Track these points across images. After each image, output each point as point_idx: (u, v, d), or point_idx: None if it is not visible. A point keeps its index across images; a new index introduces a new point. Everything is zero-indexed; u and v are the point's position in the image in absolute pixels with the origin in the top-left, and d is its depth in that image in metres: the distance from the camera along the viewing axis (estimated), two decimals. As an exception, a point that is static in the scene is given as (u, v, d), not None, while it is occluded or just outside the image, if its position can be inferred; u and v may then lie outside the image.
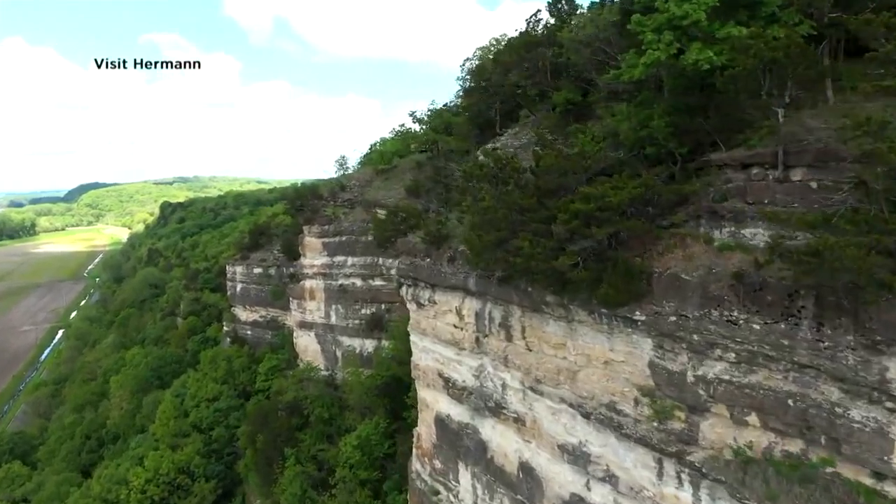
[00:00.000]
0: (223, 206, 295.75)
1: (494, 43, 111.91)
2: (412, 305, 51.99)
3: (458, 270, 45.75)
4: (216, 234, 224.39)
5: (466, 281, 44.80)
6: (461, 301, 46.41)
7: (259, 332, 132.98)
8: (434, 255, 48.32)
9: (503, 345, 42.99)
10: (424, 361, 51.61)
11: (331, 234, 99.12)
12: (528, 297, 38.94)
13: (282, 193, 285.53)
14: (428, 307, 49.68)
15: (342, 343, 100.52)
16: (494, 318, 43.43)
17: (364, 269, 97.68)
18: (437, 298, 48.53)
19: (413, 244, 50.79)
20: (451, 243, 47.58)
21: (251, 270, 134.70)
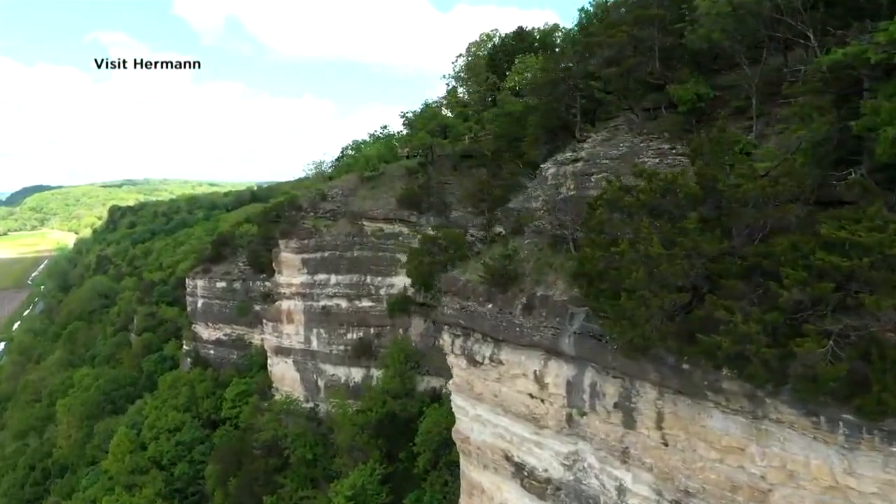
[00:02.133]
0: (176, 210, 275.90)
1: (486, 38, 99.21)
2: (460, 361, 38.31)
3: (540, 324, 32.33)
4: (170, 240, 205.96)
5: (557, 340, 31.41)
6: (543, 364, 33.00)
7: (223, 351, 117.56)
8: (499, 301, 34.77)
9: (618, 431, 29.70)
10: (480, 435, 37.91)
11: (311, 249, 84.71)
12: (680, 375, 25.76)
13: (237, 197, 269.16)
14: (488, 367, 36.07)
15: (325, 371, 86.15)
16: (603, 393, 30.13)
17: (349, 288, 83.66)
18: (503, 357, 34.98)
19: (464, 283, 37.09)
20: (523, 284, 34.12)
21: (214, 284, 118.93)
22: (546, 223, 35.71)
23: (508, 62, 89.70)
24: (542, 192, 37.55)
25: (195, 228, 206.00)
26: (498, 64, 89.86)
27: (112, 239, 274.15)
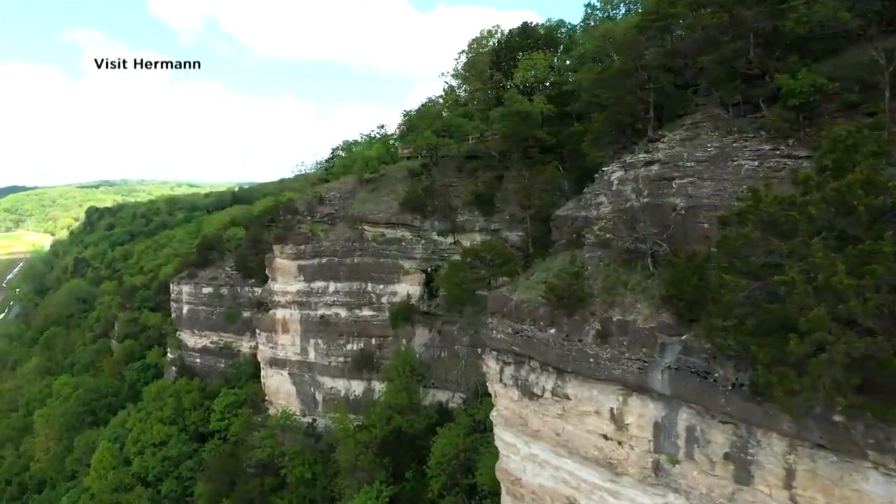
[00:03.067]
0: (155, 211, 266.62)
1: (488, 35, 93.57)
2: (510, 391, 32.72)
3: (621, 354, 26.85)
4: (151, 243, 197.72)
5: (645, 375, 25.97)
6: (621, 401, 27.55)
7: (210, 360, 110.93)
8: (565, 325, 29.25)
9: (726, 486, 24.30)
10: (535, 478, 32.28)
11: (308, 255, 78.60)
12: (829, 428, 20.41)
13: (219, 198, 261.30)
14: (549, 401, 30.52)
15: (323, 384, 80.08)
16: (707, 439, 24.74)
17: (349, 296, 77.72)
18: (570, 391, 29.45)
19: (517, 304, 31.46)
20: (593, 306, 28.59)
21: (200, 290, 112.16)
22: (612, 235, 30.15)
23: (513, 59, 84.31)
24: (605, 198, 32.07)
25: (176, 231, 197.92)
26: (502, 61, 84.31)
27: (90, 241, 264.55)
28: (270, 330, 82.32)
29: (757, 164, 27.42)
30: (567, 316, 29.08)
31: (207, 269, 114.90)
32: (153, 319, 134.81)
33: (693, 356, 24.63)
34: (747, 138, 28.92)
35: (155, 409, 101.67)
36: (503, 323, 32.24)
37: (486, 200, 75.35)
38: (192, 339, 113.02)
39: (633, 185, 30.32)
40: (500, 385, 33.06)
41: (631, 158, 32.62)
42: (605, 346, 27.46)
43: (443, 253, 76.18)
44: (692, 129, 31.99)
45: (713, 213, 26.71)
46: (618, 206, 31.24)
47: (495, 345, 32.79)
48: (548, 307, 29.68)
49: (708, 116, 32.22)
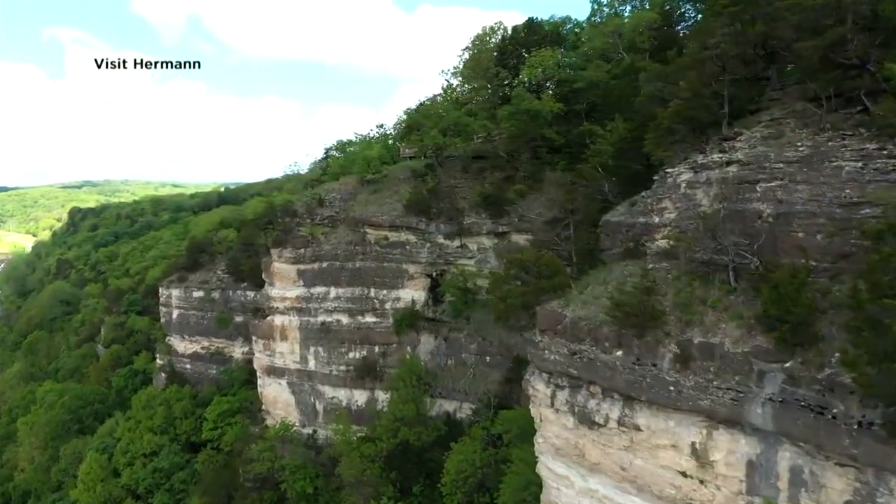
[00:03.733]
0: (140, 212, 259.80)
1: (490, 32, 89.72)
2: (564, 418, 28.91)
3: (708, 383, 23.11)
4: (136, 244, 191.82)
5: (741, 408, 22.23)
6: (705, 434, 23.88)
7: (201, 366, 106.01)
8: (636, 347, 25.44)
9: (844, 539, 20.65)
10: (592, 516, 28.50)
11: (308, 259, 74.38)
12: None
13: (205, 199, 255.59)
14: (614, 431, 26.76)
15: (324, 394, 75.87)
16: (820, 483, 21.10)
17: (351, 302, 73.63)
18: (641, 421, 25.71)
19: (573, 321, 27.61)
20: (668, 326, 24.81)
21: (190, 294, 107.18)
22: (682, 244, 26.35)
23: (519, 56, 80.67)
24: (670, 203, 28.31)
25: (163, 232, 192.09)
26: (508, 58, 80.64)
27: (73, 242, 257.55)
28: (268, 337, 77.95)
29: (861, 166, 23.84)
30: (637, 337, 25.31)
31: (198, 272, 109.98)
32: (141, 324, 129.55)
33: (802, 387, 20.99)
34: (845, 136, 25.34)
35: (144, 418, 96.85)
36: (556, 342, 28.44)
37: (494, 202, 71.61)
38: (182, 344, 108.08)
39: (706, 188, 26.52)
40: (551, 410, 29.25)
41: (703, 159, 28.88)
42: (687, 373, 23.73)
43: (449, 257, 72.40)
44: (773, 125, 28.28)
45: (810, 220, 23.16)
46: (686, 212, 27.53)
47: (546, 366, 28.98)
48: (613, 326, 25.93)
49: (790, 112, 28.56)
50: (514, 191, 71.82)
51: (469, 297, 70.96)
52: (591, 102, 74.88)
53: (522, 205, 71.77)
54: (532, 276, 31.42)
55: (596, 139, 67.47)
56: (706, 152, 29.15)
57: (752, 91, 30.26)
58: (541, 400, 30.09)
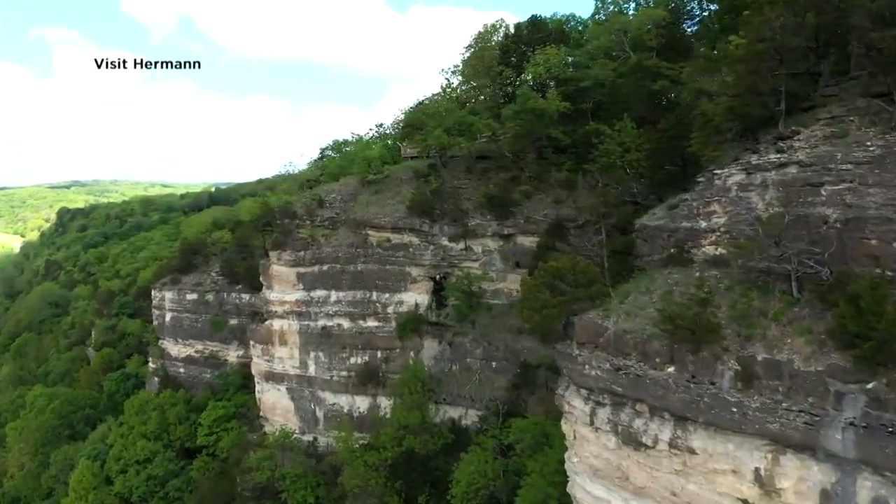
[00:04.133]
0: (129, 212, 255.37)
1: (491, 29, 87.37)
2: (605, 438, 26.63)
3: (776, 404, 20.91)
4: (127, 245, 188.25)
5: (816, 432, 20.04)
6: (770, 459, 21.65)
7: (195, 370, 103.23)
8: (690, 363, 23.20)
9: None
10: (636, 544, 26.22)
11: (308, 261, 71.83)
12: None
13: (195, 199, 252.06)
14: (664, 453, 24.51)
15: (324, 400, 73.33)
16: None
17: (353, 306, 71.15)
18: (696, 444, 23.48)
19: (617, 333, 25.36)
20: (725, 341, 22.58)
21: (184, 296, 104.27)
22: (736, 251, 24.12)
23: (523, 54, 78.42)
24: (719, 207, 26.10)
25: (154, 233, 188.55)
26: (512, 56, 78.38)
27: (62, 243, 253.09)
28: (266, 342, 75.32)
29: (941, 168, 21.72)
30: (692, 352, 23.08)
31: (191, 274, 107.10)
32: (132, 326, 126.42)
33: (889, 411, 18.83)
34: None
35: (137, 424, 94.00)
36: (597, 357, 26.17)
37: (499, 203, 69.41)
38: (175, 348, 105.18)
39: (761, 191, 24.33)
40: (589, 429, 26.98)
41: (756, 159, 26.67)
42: (751, 393, 21.52)
43: (453, 259, 70.12)
44: (835, 123, 26.08)
45: (884, 226, 21.02)
46: (738, 216, 25.33)
47: (586, 382, 26.68)
48: (664, 340, 23.67)
49: (851, 109, 26.38)
50: (519, 191, 69.67)
51: (474, 301, 68.74)
52: (597, 101, 72.90)
53: (528, 206, 69.66)
54: (568, 285, 29.16)
55: (604, 139, 65.62)
56: (760, 152, 26.95)
57: (806, 87, 28.05)
58: (577, 417, 27.83)
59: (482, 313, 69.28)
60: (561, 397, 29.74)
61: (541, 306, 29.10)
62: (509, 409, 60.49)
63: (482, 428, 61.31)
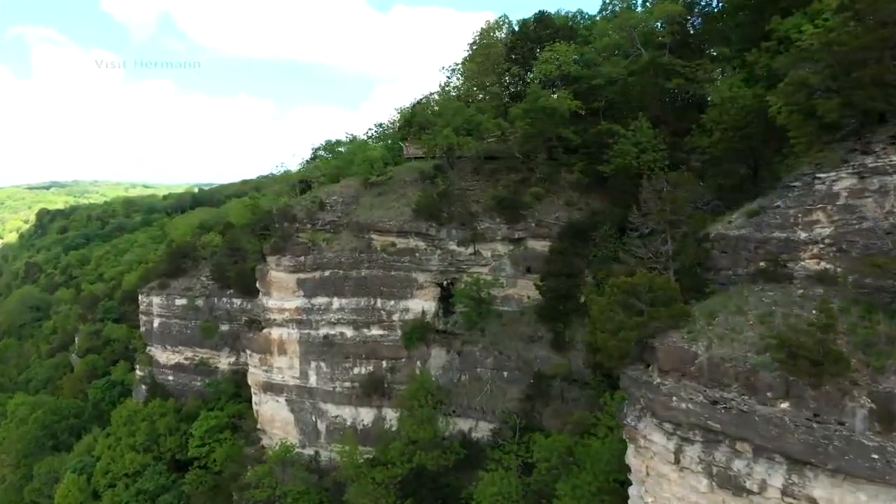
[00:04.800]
0: (111, 213, 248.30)
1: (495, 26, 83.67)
2: (694, 479, 22.89)
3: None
4: (110, 247, 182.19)
5: None
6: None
7: (184, 378, 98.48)
8: (812, 400, 19.53)
9: None
10: None
11: (309, 267, 67.62)
12: None
13: (178, 200, 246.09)
14: (772, 500, 20.79)
15: (326, 412, 69.15)
16: None
17: (356, 313, 67.12)
18: (817, 493, 19.84)
19: (713, 361, 21.68)
20: (854, 375, 18.96)
21: (173, 301, 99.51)
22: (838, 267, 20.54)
23: (530, 51, 74.77)
24: (823, 215, 22.56)
25: (138, 235, 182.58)
26: (519, 53, 74.67)
27: (41, 245, 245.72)
28: (264, 351, 70.99)
29: None
30: (812, 386, 19.48)
31: (180, 278, 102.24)
32: (118, 332, 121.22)
33: None
34: None
35: (125, 435, 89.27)
36: (686, 387, 22.49)
37: (509, 206, 65.78)
38: (163, 354, 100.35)
39: (879, 197, 20.80)
40: (672, 468, 23.33)
41: (872, 162, 23.14)
42: (894, 437, 17.92)
43: (461, 264, 66.40)
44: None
45: None
46: (849, 226, 21.79)
47: (672, 416, 23.00)
48: (777, 371, 20.01)
49: None
50: (530, 194, 66.07)
51: (483, 308, 65.05)
52: (608, 100, 69.50)
53: (539, 208, 66.13)
54: (644, 303, 25.46)
55: (618, 139, 62.18)
56: (877, 153, 23.42)
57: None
58: (656, 453, 24.19)
59: (492, 321, 65.62)
60: (632, 429, 26.02)
61: (617, 328, 25.33)
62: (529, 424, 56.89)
63: (498, 443, 57.58)
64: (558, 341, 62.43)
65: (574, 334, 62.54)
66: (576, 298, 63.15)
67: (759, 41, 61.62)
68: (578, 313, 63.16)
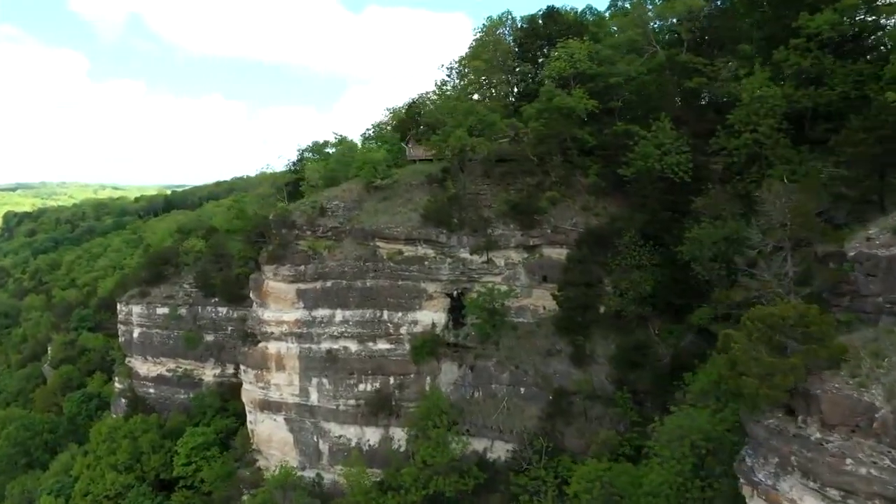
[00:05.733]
0: (81, 216, 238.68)
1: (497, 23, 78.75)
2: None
3: None
4: (82, 252, 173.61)
5: None
6: None
7: (167, 390, 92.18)
8: None
9: None
10: None
11: (309, 277, 62.20)
12: None
13: (150, 202, 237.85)
14: None
15: (329, 432, 63.68)
16: None
17: (361, 326, 61.92)
18: None
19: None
20: None
21: (154, 311, 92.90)
22: None
23: (541, 48, 70.20)
24: None
25: (111, 239, 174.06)
26: (528, 50, 69.98)
27: (9, 248, 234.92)
28: (261, 367, 65.25)
29: None
30: None
31: (161, 286, 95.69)
32: (94, 342, 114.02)
33: None
34: None
35: (105, 454, 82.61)
36: (859, 445, 17.83)
37: (523, 211, 61.06)
38: (144, 366, 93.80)
39: None
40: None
41: None
42: None
43: (472, 274, 61.60)
44: None
45: None
46: None
47: (843, 481, 18.31)
48: None
49: None
50: (546, 198, 61.41)
51: (497, 319, 60.25)
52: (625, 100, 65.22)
53: (554, 213, 61.53)
54: (794, 340, 20.74)
55: (639, 140, 57.91)
56: None
57: None
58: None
59: (506, 333, 60.97)
60: (769, 489, 21.23)
61: (766, 372, 20.59)
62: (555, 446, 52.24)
63: (522, 467, 52.73)
64: (578, 355, 57.99)
65: (595, 347, 58.16)
66: (595, 309, 58.80)
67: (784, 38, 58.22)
68: (599, 325, 58.83)
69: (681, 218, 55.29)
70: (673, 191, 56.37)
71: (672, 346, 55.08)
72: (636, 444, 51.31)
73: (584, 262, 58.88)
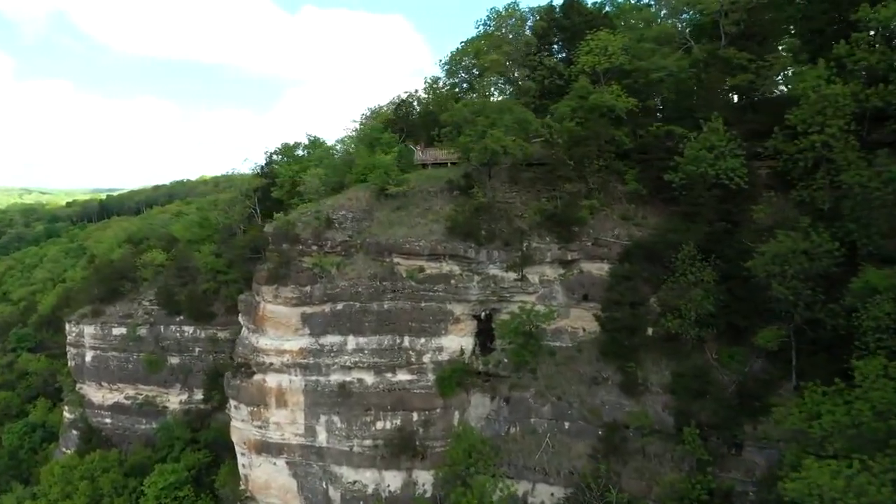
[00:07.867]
0: (8, 222, 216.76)
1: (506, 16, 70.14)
2: None
3: None
4: (14, 262, 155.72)
5: None
6: None
7: (126, 420, 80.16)
8: None
9: None
10: None
11: (316, 299, 51.99)
12: None
13: (84, 207, 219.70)
14: None
15: (341, 477, 53.55)
16: None
17: (378, 355, 52.20)
18: None
19: None
20: None
21: (109, 331, 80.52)
22: None
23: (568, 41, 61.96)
24: None
25: (47, 249, 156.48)
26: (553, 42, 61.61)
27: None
28: (257, 403, 54.53)
29: None
30: None
31: (117, 303, 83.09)
32: (35, 364, 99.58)
33: None
34: None
35: (60, 497, 70.10)
36: None
37: (561, 221, 52.52)
38: (98, 393, 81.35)
39: None
40: None
41: None
42: None
43: (503, 293, 52.63)
44: None
45: None
46: None
47: None
48: None
49: None
50: (585, 207, 53.07)
51: (533, 344, 51.54)
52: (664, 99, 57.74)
53: (594, 224, 53.31)
54: None
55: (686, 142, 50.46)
56: None
57: None
58: None
59: (543, 359, 52.38)
60: None
61: None
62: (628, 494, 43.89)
63: (586, 518, 44.19)
64: (629, 383, 49.87)
65: (647, 375, 50.18)
66: (643, 331, 50.93)
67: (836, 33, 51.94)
68: (648, 349, 50.94)
69: (733, 229, 48.47)
70: (728, 199, 49.10)
71: (736, 373, 47.65)
72: (710, 486, 43.93)
73: (632, 278, 50.80)
